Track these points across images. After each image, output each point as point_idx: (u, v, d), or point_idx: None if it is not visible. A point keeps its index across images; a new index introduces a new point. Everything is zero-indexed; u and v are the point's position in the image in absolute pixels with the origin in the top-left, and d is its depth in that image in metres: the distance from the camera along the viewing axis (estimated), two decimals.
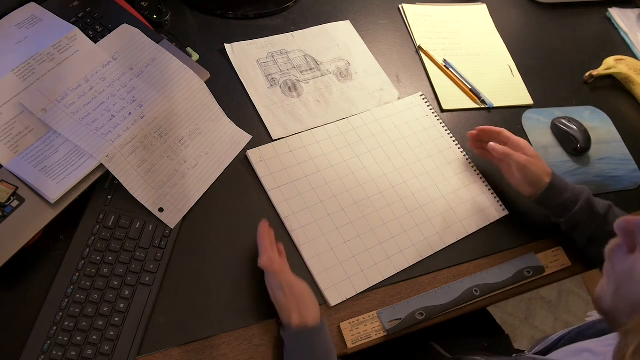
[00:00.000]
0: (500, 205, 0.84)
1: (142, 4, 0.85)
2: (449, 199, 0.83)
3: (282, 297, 0.64)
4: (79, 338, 0.61)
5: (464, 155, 0.89)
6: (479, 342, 0.85)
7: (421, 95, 0.94)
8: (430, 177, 0.85)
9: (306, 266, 0.72)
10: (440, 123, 0.92)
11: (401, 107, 0.92)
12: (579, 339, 0.60)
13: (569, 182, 0.77)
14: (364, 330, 0.69)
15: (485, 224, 0.82)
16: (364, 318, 0.70)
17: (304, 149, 0.82)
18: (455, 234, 0.80)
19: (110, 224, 0.68)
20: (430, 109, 0.93)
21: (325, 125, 0.85)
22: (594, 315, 0.64)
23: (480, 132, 0.84)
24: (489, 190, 0.86)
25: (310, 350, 0.62)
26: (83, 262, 0.64)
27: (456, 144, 0.90)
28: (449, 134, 0.91)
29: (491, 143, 0.80)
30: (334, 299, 0.70)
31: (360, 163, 0.83)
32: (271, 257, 0.66)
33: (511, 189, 0.86)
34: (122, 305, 0.63)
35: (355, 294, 0.72)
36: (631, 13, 1.24)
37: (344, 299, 0.71)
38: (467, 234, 0.80)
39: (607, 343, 0.55)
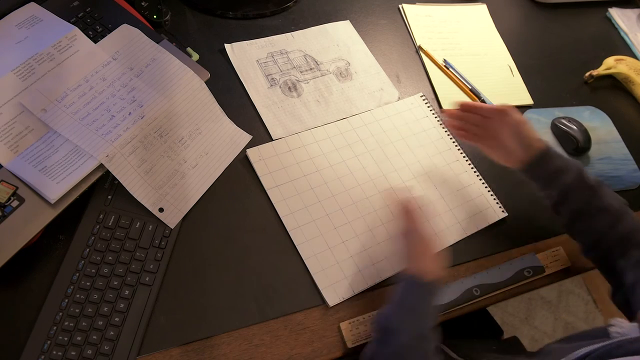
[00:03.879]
0: (500, 207, 0.84)
1: (142, 4, 0.85)
2: (448, 200, 0.83)
3: (424, 246, 0.67)
4: (79, 338, 0.61)
5: (464, 157, 0.89)
6: (487, 345, 0.85)
7: (421, 96, 0.94)
8: (429, 178, 0.85)
9: (304, 265, 0.72)
10: (440, 124, 0.92)
11: (401, 107, 0.92)
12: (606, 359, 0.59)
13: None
14: (364, 330, 0.69)
15: (484, 226, 0.82)
16: (364, 318, 0.70)
17: (303, 149, 0.82)
18: (453, 235, 0.80)
19: (110, 224, 0.68)
20: (431, 110, 0.93)
21: (324, 125, 0.86)
22: (617, 325, 0.61)
23: (463, 106, 0.82)
24: (489, 191, 0.86)
25: (429, 301, 0.64)
26: (83, 262, 0.65)
27: (456, 146, 0.90)
28: (448, 135, 0.91)
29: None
30: (332, 299, 0.70)
31: (360, 163, 0.83)
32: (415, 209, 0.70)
33: (511, 190, 0.86)
34: (122, 305, 0.64)
35: (353, 294, 0.72)
36: (631, 13, 1.24)
37: (342, 299, 0.71)
38: (466, 236, 0.80)
39: None
